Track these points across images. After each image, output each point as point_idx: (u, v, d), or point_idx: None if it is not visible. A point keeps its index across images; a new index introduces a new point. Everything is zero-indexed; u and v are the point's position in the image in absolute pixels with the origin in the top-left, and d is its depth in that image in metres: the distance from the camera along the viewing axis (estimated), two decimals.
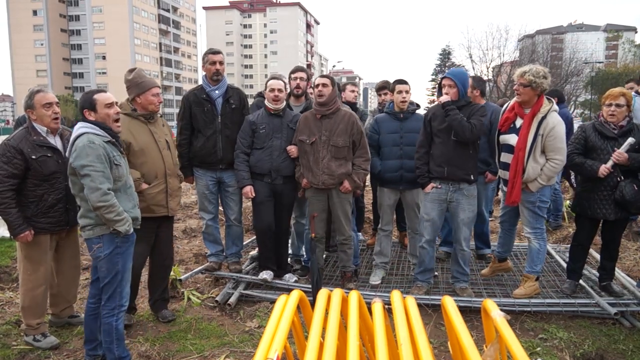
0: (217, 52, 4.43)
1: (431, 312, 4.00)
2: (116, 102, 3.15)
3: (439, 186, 4.11)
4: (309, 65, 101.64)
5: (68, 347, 3.59)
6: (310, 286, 4.16)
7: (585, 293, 4.16)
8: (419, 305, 3.95)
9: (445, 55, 51.76)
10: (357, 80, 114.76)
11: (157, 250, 3.91)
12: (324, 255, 5.18)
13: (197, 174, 4.55)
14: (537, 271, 4.11)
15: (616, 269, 4.39)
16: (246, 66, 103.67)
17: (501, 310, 3.88)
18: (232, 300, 4.25)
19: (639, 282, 4.31)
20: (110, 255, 3.01)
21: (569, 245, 4.67)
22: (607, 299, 3.97)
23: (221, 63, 4.40)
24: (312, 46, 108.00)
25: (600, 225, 4.18)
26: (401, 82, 4.51)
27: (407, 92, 4.46)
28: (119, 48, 76.28)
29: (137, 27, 78.07)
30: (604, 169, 3.85)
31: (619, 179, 3.88)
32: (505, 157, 4.04)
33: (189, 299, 4.42)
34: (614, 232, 4.13)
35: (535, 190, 3.93)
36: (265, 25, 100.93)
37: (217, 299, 4.30)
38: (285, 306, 1.81)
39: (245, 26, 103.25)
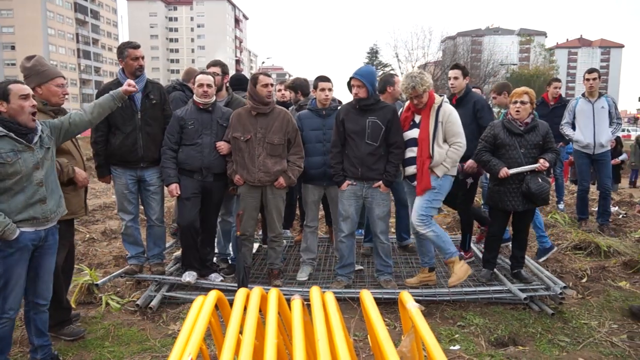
0: (138, 47, 4.23)
1: (357, 306, 4.07)
2: (33, 95, 2.91)
3: (354, 183, 4.22)
4: (238, 61, 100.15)
5: None
6: (237, 285, 4.09)
7: (499, 281, 4.41)
8: (344, 300, 4.07)
9: (373, 54, 52.85)
10: (287, 77, 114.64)
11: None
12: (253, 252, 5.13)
13: (115, 173, 4.32)
14: (454, 251, 4.08)
15: (526, 257, 4.69)
16: (172, 60, 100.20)
17: (424, 300, 4.09)
18: (154, 303, 4.09)
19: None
20: None
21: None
22: (518, 285, 4.23)
23: (143, 58, 4.21)
24: (241, 41, 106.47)
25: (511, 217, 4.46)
26: (324, 79, 4.54)
27: (329, 89, 4.51)
28: (30, 38, 70.74)
29: (51, 15, 72.90)
30: (504, 172, 4.12)
31: (526, 173, 4.14)
32: (410, 152, 4.11)
33: (107, 304, 4.20)
34: (523, 222, 4.42)
35: (441, 175, 4.01)
36: (192, 18, 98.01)
37: (137, 302, 4.12)
38: (202, 307, 1.76)
39: (170, 19, 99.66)
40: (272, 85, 4.18)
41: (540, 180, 4.10)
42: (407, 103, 4.26)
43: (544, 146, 4.21)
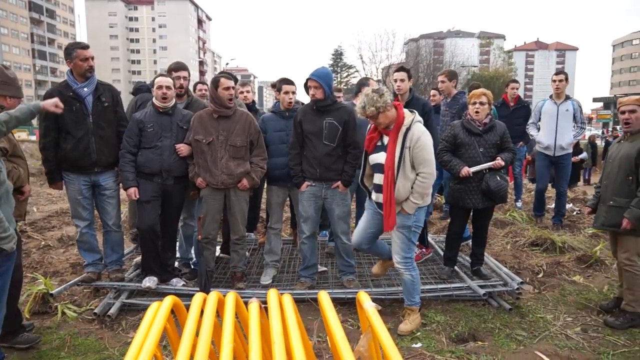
0: (87, 47, 4.11)
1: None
2: None
3: (313, 184, 4.24)
4: (201, 62, 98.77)
5: None
6: (199, 289, 4.03)
7: (459, 278, 4.50)
8: (307, 301, 4.07)
9: (338, 55, 53.23)
10: (252, 79, 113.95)
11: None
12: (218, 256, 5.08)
13: (67, 179, 4.18)
14: (417, 302, 3.80)
15: (485, 254, 4.81)
16: (133, 61, 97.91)
17: (387, 299, 4.13)
18: (113, 311, 3.98)
19: None
20: None
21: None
22: (478, 282, 4.34)
23: (93, 58, 4.10)
24: (204, 42, 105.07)
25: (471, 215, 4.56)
26: (287, 82, 4.55)
27: (293, 92, 4.53)
28: None
29: (4, 14, 70.02)
30: (465, 171, 4.22)
31: (484, 171, 4.25)
32: (379, 178, 3.63)
33: (63, 313, 4.06)
34: (483, 220, 4.53)
35: (412, 212, 3.54)
36: (153, 19, 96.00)
37: (95, 311, 3.99)
38: (156, 313, 1.72)
39: (131, 19, 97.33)
40: (233, 87, 4.13)
41: (498, 178, 4.22)
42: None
43: (501, 145, 4.33)
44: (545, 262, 5.19)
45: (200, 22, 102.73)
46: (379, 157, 3.59)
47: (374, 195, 3.75)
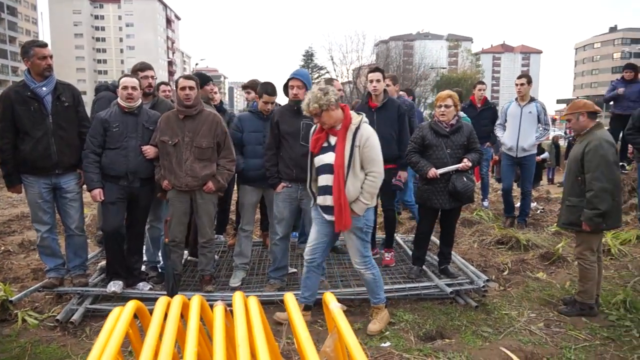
0: (46, 45, 3.99)
1: None
2: None
3: (289, 185, 4.22)
4: (170, 62, 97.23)
5: None
6: (166, 293, 3.97)
7: (427, 277, 4.56)
8: (276, 303, 4.05)
9: (309, 56, 53.18)
10: (222, 79, 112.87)
11: None
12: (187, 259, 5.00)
13: (26, 181, 4.04)
14: (383, 299, 3.80)
15: (453, 253, 4.89)
16: (99, 61, 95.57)
17: (357, 299, 4.15)
18: (76, 317, 3.87)
19: None
20: None
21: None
22: (445, 280, 4.41)
23: (51, 57, 3.98)
24: (173, 42, 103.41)
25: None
26: (270, 92, 4.54)
27: (272, 103, 4.55)
28: None
29: None
30: (432, 173, 4.28)
31: (451, 173, 4.32)
32: (326, 180, 3.56)
33: (24, 320, 3.92)
34: (450, 220, 4.61)
35: (362, 213, 3.52)
36: (120, 17, 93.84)
37: (58, 317, 3.87)
38: (118, 319, 1.68)
39: (96, 17, 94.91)
40: (190, 88, 4.05)
41: (465, 179, 4.30)
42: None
43: (468, 146, 4.40)
44: (511, 259, 5.31)
45: (168, 21, 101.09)
46: (326, 158, 3.55)
47: (319, 199, 3.64)
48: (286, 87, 4.32)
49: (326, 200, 3.56)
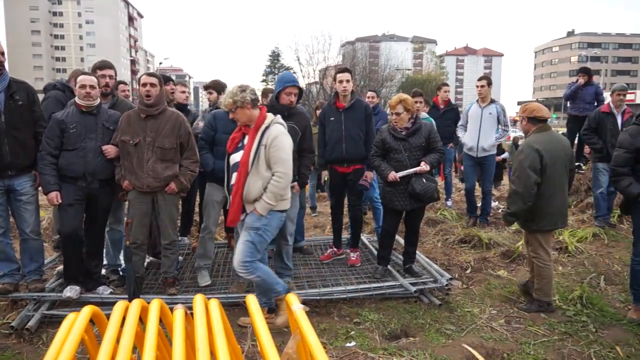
0: None
1: None
2: None
3: None
4: (133, 61, 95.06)
5: None
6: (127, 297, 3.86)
7: (392, 277, 4.61)
8: (238, 305, 4.00)
9: (275, 56, 53.00)
10: (187, 78, 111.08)
11: None
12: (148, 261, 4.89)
13: None
14: (280, 290, 3.56)
15: (417, 252, 4.96)
16: (58, 59, 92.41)
17: (322, 299, 4.15)
18: (32, 323, 3.73)
19: None
20: None
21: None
22: (410, 279, 4.46)
23: (3, 54, 3.82)
24: (135, 41, 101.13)
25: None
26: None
27: None
28: None
29: None
30: (392, 176, 4.35)
31: (411, 175, 4.38)
32: (235, 178, 3.59)
33: None
34: (413, 220, 4.67)
35: (264, 213, 3.44)
36: (79, 14, 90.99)
37: (12, 324, 3.72)
38: (72, 325, 1.62)
39: (55, 14, 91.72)
40: (152, 85, 3.97)
41: (424, 180, 4.36)
42: None
43: (428, 146, 4.46)
44: (473, 258, 5.42)
45: (131, 19, 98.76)
46: (237, 157, 3.58)
47: (230, 197, 3.63)
48: (278, 94, 4.31)
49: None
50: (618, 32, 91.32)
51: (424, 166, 4.35)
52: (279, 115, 3.65)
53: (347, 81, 4.82)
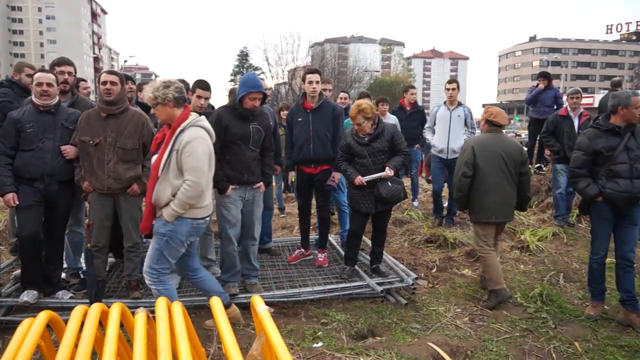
0: None
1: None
2: None
3: (238, 188, 4.16)
4: (96, 59, 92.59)
5: None
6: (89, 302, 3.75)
7: (359, 277, 4.63)
8: (205, 307, 3.94)
9: (243, 56, 52.61)
10: (153, 77, 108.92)
11: None
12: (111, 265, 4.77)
13: None
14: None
15: (384, 252, 5.00)
16: (17, 55, 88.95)
17: (289, 301, 4.13)
18: None
19: None
20: None
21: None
22: (376, 279, 4.49)
23: None
24: (99, 37, 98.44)
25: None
26: (204, 86, 4.44)
27: (206, 98, 4.46)
28: None
29: None
30: (358, 180, 4.38)
31: (377, 180, 4.42)
32: None
33: None
34: (380, 221, 4.72)
35: (170, 220, 3.22)
36: (39, 9, 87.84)
37: None
38: (28, 331, 1.56)
39: (13, 8, 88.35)
40: (112, 83, 3.87)
41: (389, 184, 4.41)
42: None
43: (392, 149, 4.50)
44: (439, 257, 5.51)
45: (94, 15, 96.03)
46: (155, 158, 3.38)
47: None
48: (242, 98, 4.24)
49: None
50: (577, 37, 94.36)
51: (388, 171, 4.39)
52: (202, 117, 3.38)
53: (317, 82, 4.83)
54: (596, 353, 3.48)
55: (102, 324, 1.98)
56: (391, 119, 6.37)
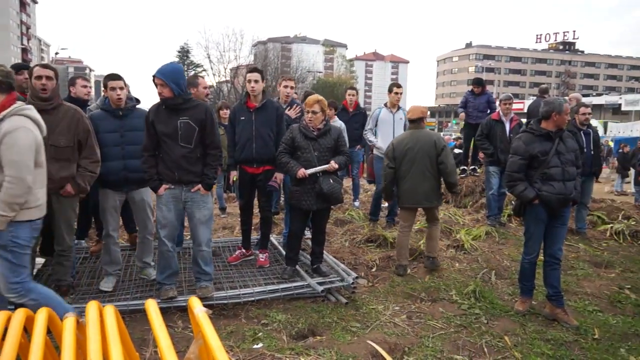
0: None
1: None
2: None
3: (172, 187, 3.98)
4: (25, 49, 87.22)
5: None
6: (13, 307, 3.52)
7: (300, 277, 4.65)
8: (141, 312, 3.81)
9: (184, 52, 51.38)
10: (87, 71, 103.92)
11: None
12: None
13: None
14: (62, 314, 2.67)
15: (325, 252, 5.05)
16: None
17: (230, 302, 4.07)
18: None
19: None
20: None
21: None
22: (317, 279, 4.52)
23: None
24: (28, 28, 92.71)
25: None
26: (113, 77, 4.22)
27: (121, 88, 4.23)
28: None
29: None
30: (301, 172, 4.41)
31: (318, 174, 4.46)
32: None
33: None
34: (320, 220, 4.77)
35: (2, 227, 2.83)
36: None
37: None
38: None
39: None
40: (48, 78, 3.68)
41: (331, 181, 4.46)
42: None
43: (336, 149, 4.58)
44: (378, 257, 5.62)
45: (23, 4, 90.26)
46: None
47: None
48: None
49: None
50: (510, 45, 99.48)
51: (333, 164, 4.45)
52: (29, 106, 3.02)
53: (256, 81, 4.79)
54: (524, 346, 3.68)
55: (27, 330, 1.87)
56: (338, 123, 6.45)
